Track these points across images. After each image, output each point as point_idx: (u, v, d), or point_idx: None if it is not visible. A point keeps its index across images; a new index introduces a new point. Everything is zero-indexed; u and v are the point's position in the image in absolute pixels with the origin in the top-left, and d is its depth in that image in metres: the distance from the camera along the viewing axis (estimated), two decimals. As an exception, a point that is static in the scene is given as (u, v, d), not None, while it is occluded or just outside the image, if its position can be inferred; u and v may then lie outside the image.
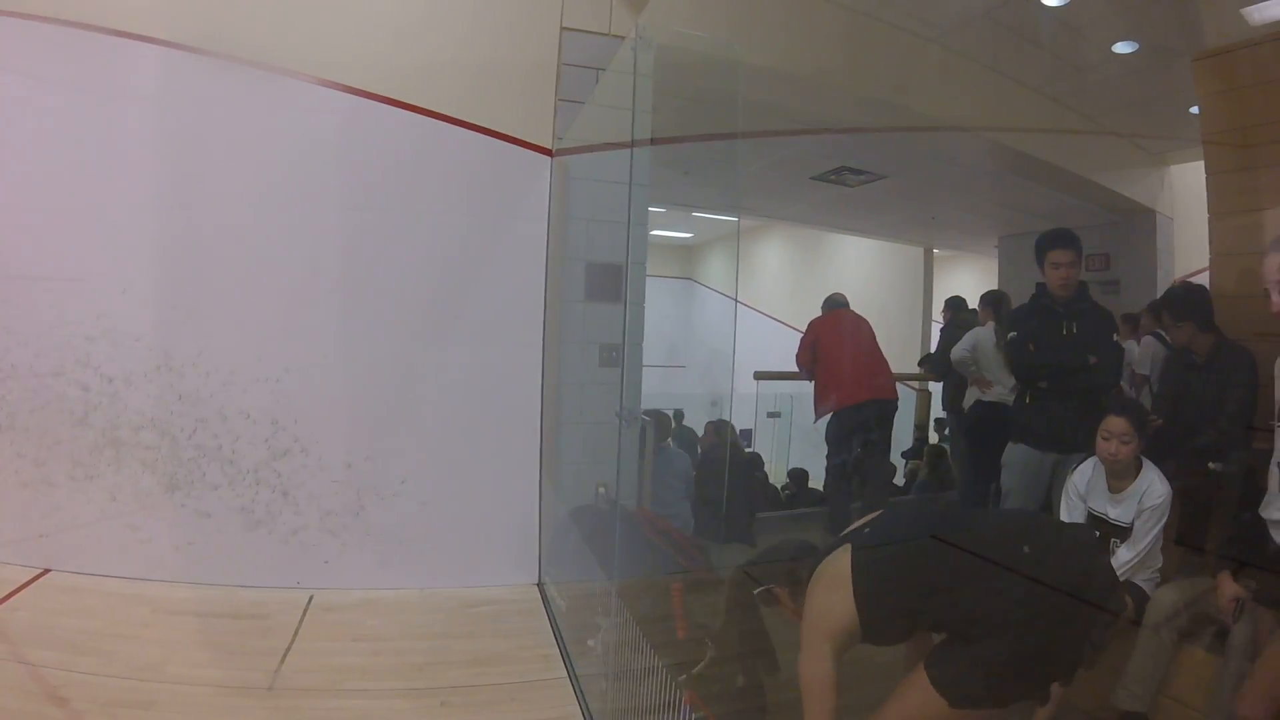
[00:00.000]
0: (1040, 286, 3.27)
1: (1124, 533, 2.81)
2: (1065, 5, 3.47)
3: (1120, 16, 3.31)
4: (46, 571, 4.00)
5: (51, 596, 3.78)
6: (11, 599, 3.69)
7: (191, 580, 4.03)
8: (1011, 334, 3.36)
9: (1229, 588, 2.46)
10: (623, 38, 3.99)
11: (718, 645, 3.05)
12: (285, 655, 3.40)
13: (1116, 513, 2.83)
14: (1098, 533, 2.84)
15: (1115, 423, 2.80)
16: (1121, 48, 3.36)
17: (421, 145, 4.21)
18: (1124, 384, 3.40)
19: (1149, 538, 2.75)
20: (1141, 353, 3.56)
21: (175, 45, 4.02)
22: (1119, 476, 2.83)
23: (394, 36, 4.21)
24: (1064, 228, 3.23)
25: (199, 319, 4.08)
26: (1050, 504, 3.26)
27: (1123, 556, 2.77)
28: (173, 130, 4.07)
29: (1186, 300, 2.93)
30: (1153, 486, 2.77)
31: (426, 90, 4.20)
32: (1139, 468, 2.81)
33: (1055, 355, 3.24)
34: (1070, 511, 2.97)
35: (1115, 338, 3.29)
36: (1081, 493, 2.95)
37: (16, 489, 4.07)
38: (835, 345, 5.07)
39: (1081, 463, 2.98)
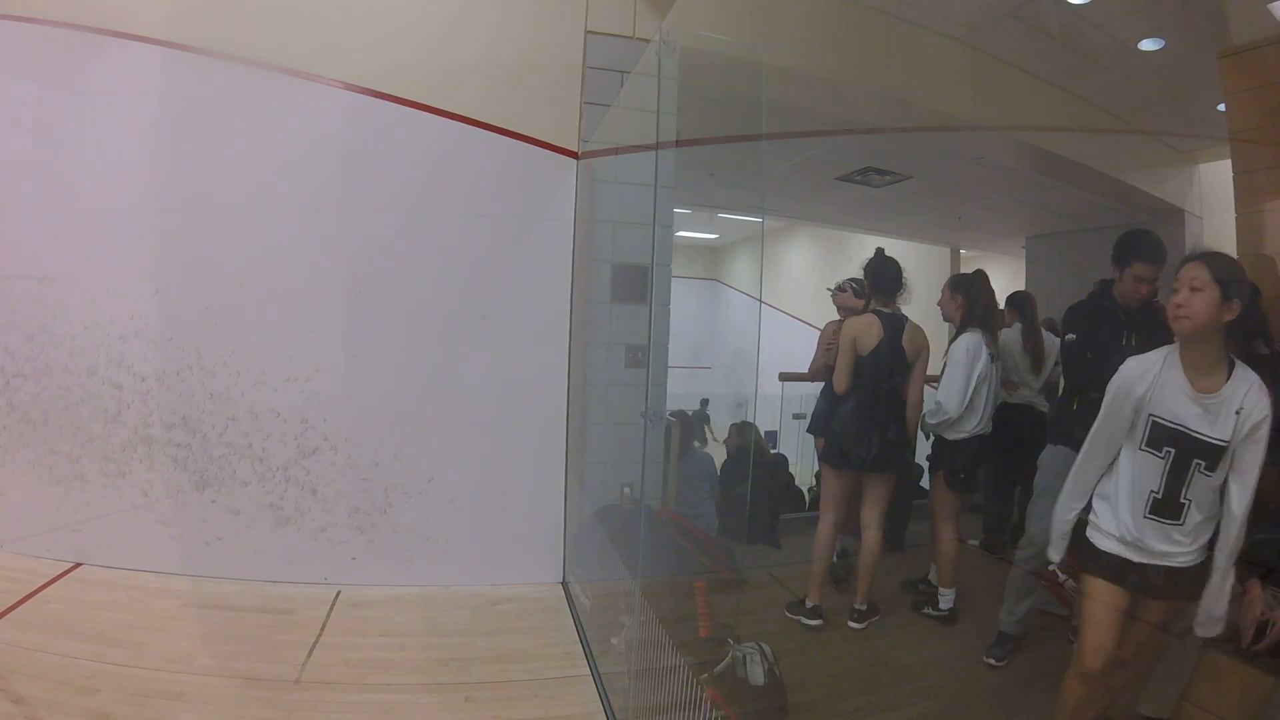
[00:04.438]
0: (1103, 285, 2.93)
1: (1217, 454, 2.03)
2: (1089, 3, 3.43)
3: (1145, 13, 3.27)
4: (78, 565, 4.08)
5: (83, 590, 3.85)
6: (43, 591, 3.77)
7: (221, 575, 4.09)
8: (1069, 336, 3.16)
9: (1256, 601, 2.40)
10: (647, 41, 4.00)
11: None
12: (312, 649, 3.45)
13: (1210, 427, 2.02)
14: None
15: (1193, 268, 2.00)
16: (1147, 44, 3.32)
17: (449, 149, 4.25)
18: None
19: (1255, 470, 2.01)
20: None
21: (215, 54, 4.10)
22: (1201, 368, 2.04)
23: (420, 43, 4.25)
24: (1153, 234, 2.90)
25: (231, 319, 4.15)
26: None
27: (1235, 498, 2.03)
28: (207, 135, 4.14)
29: None
30: (1254, 392, 1.98)
31: (453, 95, 4.24)
32: (1229, 364, 2.02)
33: (1113, 365, 3.07)
34: (1115, 416, 2.25)
35: None
36: (1140, 395, 2.16)
37: (50, 484, 4.16)
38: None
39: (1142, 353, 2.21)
